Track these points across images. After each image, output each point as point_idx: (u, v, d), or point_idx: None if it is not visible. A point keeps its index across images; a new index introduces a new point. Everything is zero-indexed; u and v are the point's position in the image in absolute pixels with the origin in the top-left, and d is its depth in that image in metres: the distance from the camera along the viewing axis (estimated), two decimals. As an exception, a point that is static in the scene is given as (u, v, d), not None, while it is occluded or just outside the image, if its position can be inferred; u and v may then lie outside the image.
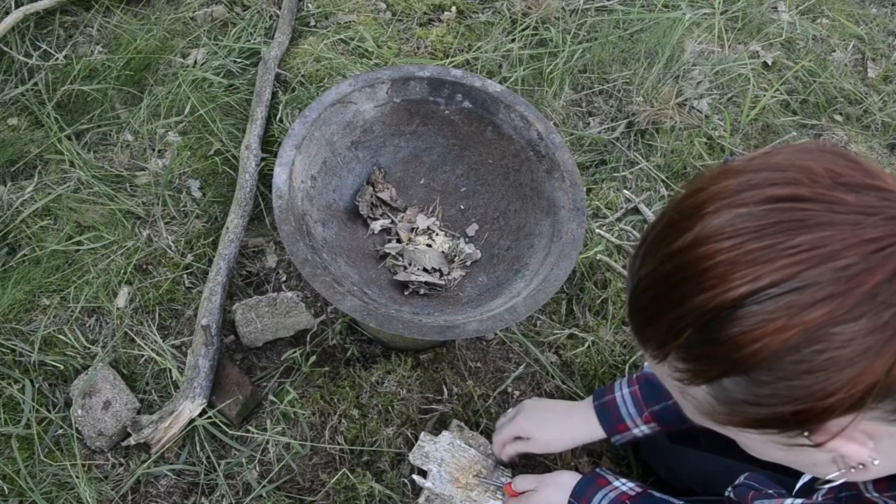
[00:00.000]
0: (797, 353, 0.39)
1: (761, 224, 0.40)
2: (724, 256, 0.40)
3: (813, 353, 0.39)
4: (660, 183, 1.58)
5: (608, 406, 0.96)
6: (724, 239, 0.41)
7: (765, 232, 0.40)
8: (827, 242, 0.39)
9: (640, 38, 1.83)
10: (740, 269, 0.40)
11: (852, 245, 0.38)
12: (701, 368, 0.44)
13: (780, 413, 0.42)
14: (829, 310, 0.38)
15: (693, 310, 0.42)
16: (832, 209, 0.40)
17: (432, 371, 1.25)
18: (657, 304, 0.46)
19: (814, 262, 0.38)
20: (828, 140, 1.35)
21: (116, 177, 1.48)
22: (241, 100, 1.61)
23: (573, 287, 1.39)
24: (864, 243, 0.38)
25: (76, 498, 1.09)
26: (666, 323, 0.45)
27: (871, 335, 0.38)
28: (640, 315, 0.48)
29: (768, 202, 0.41)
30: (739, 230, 0.41)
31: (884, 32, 2.05)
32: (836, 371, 0.39)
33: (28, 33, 1.68)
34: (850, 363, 0.38)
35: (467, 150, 1.27)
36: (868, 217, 0.39)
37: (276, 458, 1.15)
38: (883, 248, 0.38)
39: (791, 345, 0.39)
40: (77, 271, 1.33)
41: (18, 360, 1.21)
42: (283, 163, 1.08)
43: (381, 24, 1.83)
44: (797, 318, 0.38)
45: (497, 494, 1.04)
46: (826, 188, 0.41)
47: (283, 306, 1.27)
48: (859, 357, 0.38)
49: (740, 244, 0.40)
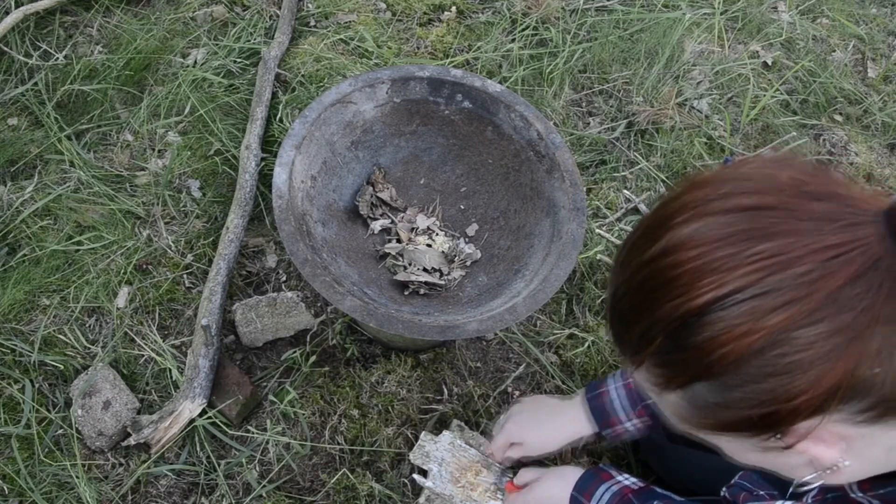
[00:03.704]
0: (762, 357, 0.40)
1: (726, 233, 0.42)
2: (690, 265, 0.42)
3: (776, 356, 0.40)
4: (660, 183, 1.58)
5: (601, 399, 0.96)
6: (691, 248, 0.42)
7: (729, 240, 0.41)
8: (788, 249, 0.40)
9: (640, 38, 1.83)
10: (706, 277, 0.41)
11: (813, 251, 0.40)
12: (673, 374, 0.45)
13: (750, 416, 0.43)
14: (789, 314, 0.39)
15: (663, 317, 0.44)
16: (794, 216, 0.41)
17: (432, 371, 1.25)
18: (631, 312, 0.47)
19: (775, 269, 0.40)
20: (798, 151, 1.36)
21: (116, 177, 1.48)
22: (241, 100, 1.61)
23: (573, 287, 1.39)
24: (823, 249, 0.40)
25: (76, 498, 1.09)
26: (639, 330, 0.46)
27: (831, 338, 0.39)
28: (617, 323, 0.50)
29: (734, 211, 0.42)
30: (705, 239, 0.42)
31: (884, 32, 2.05)
32: (800, 374, 0.40)
33: (28, 33, 1.68)
34: (813, 366, 0.39)
35: (467, 150, 1.27)
36: (829, 224, 0.40)
37: (276, 458, 1.15)
38: (842, 254, 0.39)
39: (755, 349, 0.40)
40: (77, 271, 1.33)
41: (18, 360, 1.21)
42: (283, 163, 1.08)
43: (381, 24, 1.83)
44: (760, 322, 0.40)
45: (497, 494, 1.04)
46: (790, 196, 0.42)
47: (283, 306, 1.27)
48: (821, 360, 0.39)
49: (706, 252, 0.42)
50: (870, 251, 0.39)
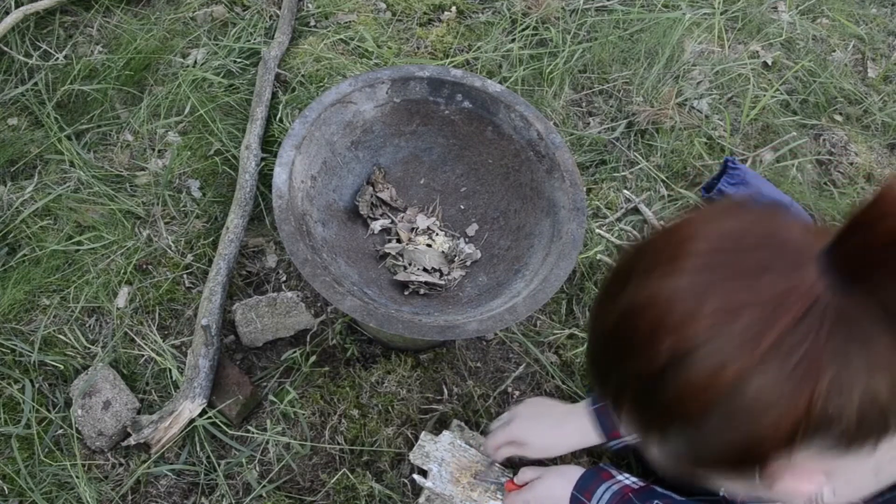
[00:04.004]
0: (723, 407, 0.43)
1: (675, 294, 0.45)
2: (646, 328, 0.45)
3: (736, 406, 0.42)
4: (660, 183, 1.58)
5: (605, 410, 0.96)
6: (645, 310, 0.45)
7: (677, 301, 0.44)
8: (730, 305, 0.43)
9: (640, 38, 1.83)
10: (662, 338, 0.44)
11: (750, 304, 0.42)
12: (648, 425, 0.48)
13: (724, 460, 0.46)
14: (740, 366, 0.42)
15: (629, 377, 0.47)
16: (735, 271, 0.44)
17: (432, 371, 1.25)
18: (603, 368, 0.51)
19: (721, 325, 0.42)
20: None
21: (116, 177, 1.48)
22: (241, 100, 1.61)
23: (573, 287, 1.39)
24: (763, 301, 0.42)
25: (76, 498, 1.09)
26: (612, 386, 0.50)
27: (782, 384, 0.41)
28: (593, 376, 0.53)
29: (678, 272, 0.45)
30: (657, 301, 0.45)
31: (884, 32, 2.05)
32: (760, 419, 0.42)
33: (28, 33, 1.68)
34: (769, 411, 0.42)
35: (467, 150, 1.27)
36: (767, 274, 0.43)
37: (276, 458, 1.15)
38: (780, 303, 0.42)
39: (715, 401, 0.43)
40: (77, 271, 1.33)
41: (18, 360, 1.21)
42: (283, 163, 1.08)
43: (381, 24, 1.83)
44: (715, 376, 0.42)
45: (497, 494, 1.04)
46: (731, 251, 0.45)
47: (283, 306, 1.27)
48: (776, 405, 0.42)
49: (660, 315, 0.45)
50: (808, 294, 0.42)
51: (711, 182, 1.54)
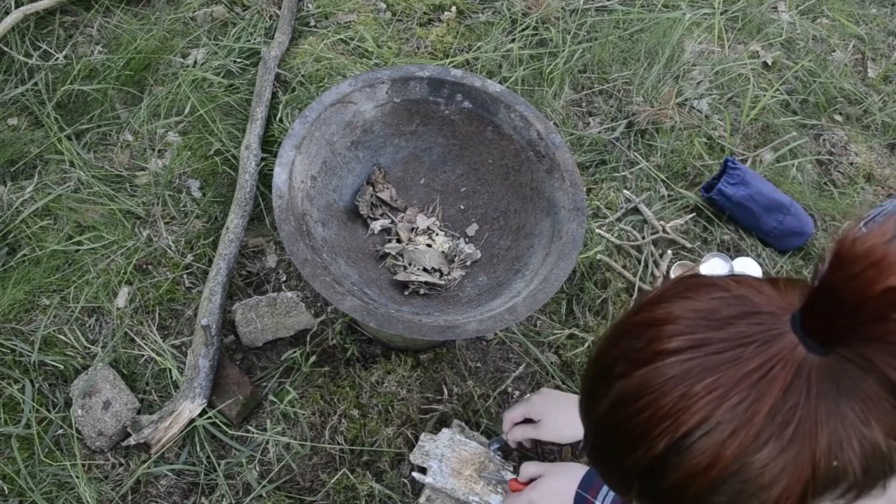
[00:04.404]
0: (729, 485, 0.43)
1: (663, 380, 0.45)
2: (640, 417, 0.45)
3: (740, 482, 0.43)
4: (660, 183, 1.58)
5: None
6: (636, 400, 0.46)
7: (667, 387, 0.44)
8: (717, 385, 0.43)
9: (640, 38, 1.83)
10: (657, 425, 0.44)
11: (738, 381, 0.42)
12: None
13: None
14: (739, 443, 0.42)
15: (632, 467, 0.47)
16: (715, 350, 0.44)
17: (432, 371, 1.25)
18: (605, 461, 0.51)
19: (713, 406, 0.42)
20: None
21: (116, 177, 1.48)
22: (241, 100, 1.61)
23: (573, 287, 1.39)
24: (747, 375, 0.42)
25: (76, 498, 1.09)
26: (617, 478, 0.50)
27: (783, 454, 0.42)
28: (599, 468, 0.53)
29: (661, 357, 0.45)
30: (647, 390, 0.45)
31: (884, 32, 2.05)
32: (767, 490, 0.43)
33: (28, 33, 1.68)
34: (776, 481, 0.42)
35: (467, 150, 1.27)
36: (745, 348, 0.43)
37: (276, 458, 1.15)
38: (765, 375, 0.42)
39: (720, 480, 0.43)
40: (77, 271, 1.33)
41: (18, 360, 1.21)
42: (283, 163, 1.07)
43: (381, 24, 1.83)
44: (716, 457, 0.42)
45: (499, 488, 1.04)
46: (707, 330, 0.45)
47: (283, 306, 1.27)
48: (781, 474, 0.42)
49: (650, 403, 0.45)
50: (791, 360, 0.42)
51: (711, 182, 1.54)
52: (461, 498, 1.04)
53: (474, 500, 1.03)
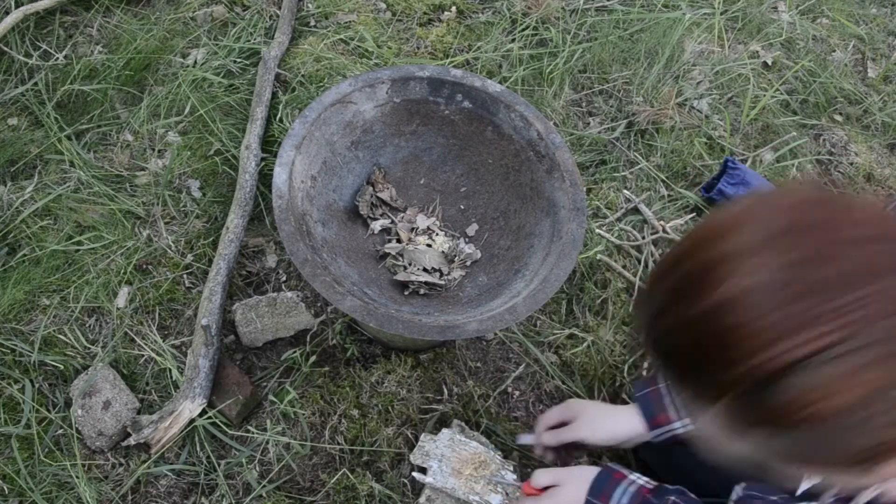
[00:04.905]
0: (851, 417, 0.38)
1: (794, 285, 0.38)
2: (757, 324, 0.38)
3: (869, 415, 0.37)
4: (660, 183, 1.58)
5: (651, 396, 0.96)
6: (754, 306, 0.39)
7: (794, 294, 0.38)
8: (870, 300, 0.37)
9: (640, 38, 1.83)
10: (779, 338, 0.38)
11: (878, 291, 0.37)
12: (744, 428, 0.42)
13: (845, 459, 0.41)
14: (888, 371, 0.36)
15: (730, 380, 0.40)
16: (864, 260, 0.38)
17: (432, 371, 1.25)
18: (688, 371, 0.44)
19: (864, 323, 0.36)
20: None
21: (116, 177, 1.48)
22: (241, 100, 1.61)
23: (573, 287, 1.39)
24: (882, 291, 0.37)
25: (76, 498, 1.09)
26: (699, 389, 0.43)
27: None
28: (671, 372, 0.45)
29: (789, 266, 0.39)
30: (766, 294, 0.39)
31: (884, 32, 2.05)
32: (888, 429, 0.38)
33: (28, 33, 1.68)
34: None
35: (467, 150, 1.27)
36: (867, 250, 0.38)
37: (276, 458, 1.15)
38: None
39: (844, 409, 0.38)
40: (77, 271, 1.33)
41: (18, 360, 1.21)
42: (283, 163, 1.07)
43: (381, 24, 1.83)
44: (851, 382, 0.37)
45: (498, 488, 1.04)
46: (825, 230, 0.39)
47: (283, 306, 1.27)
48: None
49: (772, 310, 0.38)
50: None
51: (711, 182, 1.54)
52: (461, 498, 1.04)
53: (474, 500, 1.03)
